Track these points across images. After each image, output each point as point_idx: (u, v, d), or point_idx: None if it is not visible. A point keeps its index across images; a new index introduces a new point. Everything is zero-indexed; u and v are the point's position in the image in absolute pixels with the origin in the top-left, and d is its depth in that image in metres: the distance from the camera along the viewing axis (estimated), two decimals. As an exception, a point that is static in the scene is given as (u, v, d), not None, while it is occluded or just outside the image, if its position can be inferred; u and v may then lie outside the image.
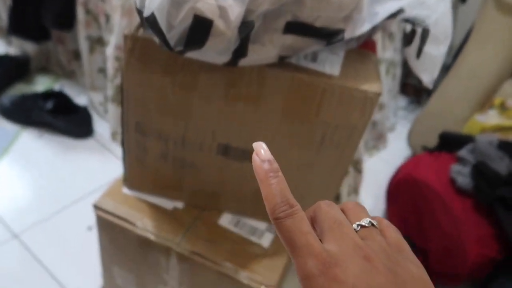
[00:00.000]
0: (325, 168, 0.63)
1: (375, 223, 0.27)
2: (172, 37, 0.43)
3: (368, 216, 0.28)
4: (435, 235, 0.96)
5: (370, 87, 0.54)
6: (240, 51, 0.47)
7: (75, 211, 1.03)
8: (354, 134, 0.58)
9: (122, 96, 0.61)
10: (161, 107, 0.59)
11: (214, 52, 0.46)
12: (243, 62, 0.50)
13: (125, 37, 0.54)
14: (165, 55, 0.54)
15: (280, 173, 0.29)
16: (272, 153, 0.63)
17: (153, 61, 0.55)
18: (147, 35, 0.53)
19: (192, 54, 0.48)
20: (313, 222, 0.28)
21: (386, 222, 0.28)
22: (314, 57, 0.57)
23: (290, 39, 0.49)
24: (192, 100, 0.57)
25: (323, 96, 0.54)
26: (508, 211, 0.87)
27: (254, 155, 0.30)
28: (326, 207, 0.28)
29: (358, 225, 0.27)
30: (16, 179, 1.08)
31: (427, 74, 0.56)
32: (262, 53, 0.49)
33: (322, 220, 0.27)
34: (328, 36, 0.49)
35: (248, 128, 0.59)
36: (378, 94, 0.54)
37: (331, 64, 0.56)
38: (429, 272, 0.90)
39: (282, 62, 0.54)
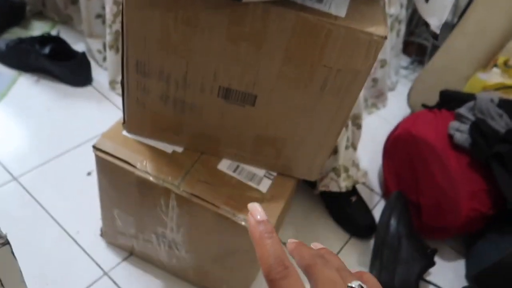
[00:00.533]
0: (325, 114, 0.63)
1: (364, 287, 0.28)
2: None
3: (354, 277, 0.28)
4: (429, 189, 0.97)
5: (376, 30, 0.53)
6: (246, -16, 0.46)
7: (73, 157, 1.04)
8: (357, 80, 0.58)
9: (122, 34, 0.60)
10: (162, 45, 0.58)
11: (219, -17, 0.45)
12: (248, -3, 0.48)
13: (126, -31, 0.53)
14: (167, -11, 0.52)
15: (275, 234, 0.29)
16: (274, 97, 0.63)
17: (155, -4, 0.53)
18: (149, -34, 0.51)
19: (196, -15, 0.46)
20: (307, 274, 0.28)
21: (372, 282, 0.29)
22: (320, -2, 0.55)
23: (297, -26, 0.47)
24: (194, 37, 0.56)
25: (328, 37, 0.53)
26: (503, 167, 0.89)
27: (249, 216, 0.30)
28: (322, 266, 0.28)
29: (349, 287, 0.27)
30: (14, 124, 1.08)
31: (435, 18, 0.55)
32: (267, -12, 0.48)
33: (317, 278, 0.27)
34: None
35: (250, 69, 0.59)
36: (384, 38, 0.53)
37: (337, 5, 0.55)
38: (421, 225, 0.93)
39: (287, 1, 0.53)
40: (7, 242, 0.40)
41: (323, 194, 1.05)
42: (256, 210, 0.30)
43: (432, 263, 0.92)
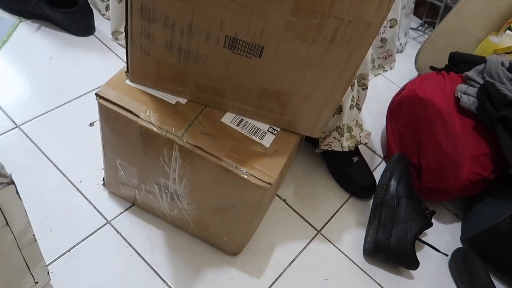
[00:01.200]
0: (333, 68, 0.61)
1: None
2: None
3: None
4: (431, 152, 0.97)
5: (391, -21, 0.51)
6: None
7: (75, 107, 1.03)
8: (368, 32, 0.56)
9: (126, -24, 0.57)
10: (168, -11, 0.56)
11: None
12: None
13: None
14: None
15: None
16: (281, 49, 0.61)
17: None
18: None
19: None
20: None
21: None
22: None
23: None
24: (202, -18, 0.54)
25: (341, -15, 0.51)
26: (508, 132, 0.88)
27: None
28: None
29: None
30: (16, 72, 1.06)
31: None
32: None
33: None
34: None
35: (258, 18, 0.57)
36: (399, -12, 0.51)
37: (352, -48, 0.52)
38: (421, 187, 0.93)
39: None
40: (11, 182, 0.40)
41: (325, 153, 1.05)
42: None
43: (430, 224, 0.93)
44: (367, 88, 1.01)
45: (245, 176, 0.66)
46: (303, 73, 0.63)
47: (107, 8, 1.26)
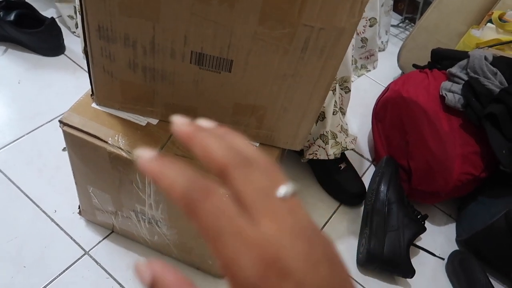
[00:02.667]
0: (308, 78, 0.58)
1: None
2: None
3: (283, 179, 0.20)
4: (419, 153, 0.94)
5: (361, -19, 0.47)
6: None
7: (47, 132, 0.98)
8: (342, 39, 0.53)
9: (79, -5, 0.53)
10: (124, 6, 0.52)
11: None
12: None
13: None
14: None
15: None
16: (251, 61, 0.57)
17: (110, -51, 0.47)
18: None
19: None
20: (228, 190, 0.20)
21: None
22: None
23: None
24: (159, -3, 0.50)
25: (308, -8, 0.48)
26: (496, 128, 0.85)
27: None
28: (244, 169, 0.20)
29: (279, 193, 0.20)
30: (-17, 98, 1.01)
31: None
32: None
33: (244, 189, 0.19)
34: None
35: (223, 31, 0.53)
36: (370, -9, 0.48)
37: (318, -46, 0.49)
38: (411, 190, 0.89)
39: (261, -49, 0.47)
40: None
41: (311, 162, 1.01)
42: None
43: (423, 229, 0.90)
44: (350, 91, 0.98)
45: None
46: (277, 85, 0.59)
47: (76, 25, 1.22)
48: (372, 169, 1.10)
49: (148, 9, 0.52)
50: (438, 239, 0.99)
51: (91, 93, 0.68)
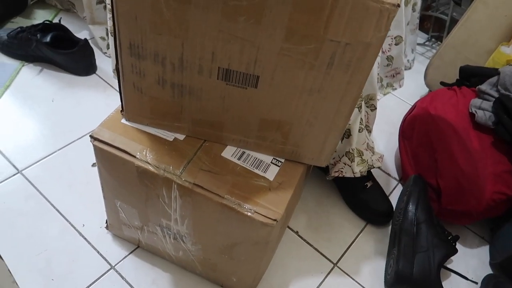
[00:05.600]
0: (334, 93, 0.58)
1: None
2: None
3: None
4: (449, 172, 0.92)
5: (387, -3, 0.48)
6: None
7: (78, 148, 1.01)
8: (368, 54, 0.53)
9: (112, 15, 0.55)
10: (155, 24, 0.54)
11: None
12: (242, -36, 0.44)
13: None
14: (155, -39, 0.48)
15: None
16: (277, 77, 0.58)
17: (142, -30, 0.49)
18: None
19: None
20: None
21: None
22: (324, -35, 0.50)
23: None
24: (188, 14, 0.52)
25: (333, 7, 0.48)
26: (531, 146, 0.82)
27: None
28: None
29: None
30: (18, 116, 1.06)
31: None
32: (263, -47, 0.43)
33: None
34: None
35: (249, 47, 0.54)
36: (396, 5, 0.48)
37: (344, -29, 0.49)
38: (441, 210, 0.86)
39: (288, -31, 0.48)
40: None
41: (336, 179, 1.00)
42: None
43: (454, 251, 0.87)
44: (376, 108, 0.97)
45: (249, 214, 0.62)
46: (303, 100, 0.60)
47: (108, 46, 1.26)
48: (399, 188, 1.08)
49: (177, 27, 0.54)
50: (471, 261, 0.95)
51: (121, 109, 0.70)
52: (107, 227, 0.86)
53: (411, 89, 1.38)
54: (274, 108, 0.61)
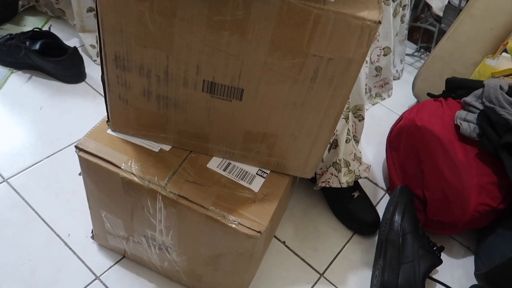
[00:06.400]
0: (318, 107, 0.58)
1: None
2: None
3: None
4: (435, 183, 0.93)
5: (368, 14, 0.48)
6: (219, -34, 0.41)
7: (65, 156, 1.01)
8: (350, 68, 0.53)
9: (98, 26, 0.56)
10: (140, 37, 0.54)
11: (189, -34, 0.41)
12: (224, -19, 0.44)
13: (95, -44, 0.48)
14: (139, -24, 0.48)
15: None
16: (262, 90, 0.59)
17: (127, -16, 0.49)
18: (118, -49, 0.47)
19: (164, -31, 0.42)
20: None
21: None
22: (308, -19, 0.50)
23: (278, -46, 0.43)
24: (173, 28, 0.52)
25: (316, 23, 0.49)
26: (514, 159, 0.83)
27: None
28: None
29: None
30: (6, 123, 1.05)
31: (436, 0, 0.50)
32: (245, -30, 0.43)
33: None
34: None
35: (234, 61, 0.54)
36: (377, 23, 0.49)
37: (326, -12, 0.50)
38: (427, 221, 0.87)
39: (271, -15, 0.48)
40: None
41: (324, 189, 1.00)
42: None
43: (439, 261, 0.87)
44: (363, 119, 0.98)
45: (233, 225, 0.62)
46: (287, 113, 0.60)
47: (97, 54, 1.26)
48: (386, 198, 1.08)
49: (162, 40, 0.54)
50: (456, 272, 0.96)
51: (107, 119, 0.70)
52: (92, 237, 0.85)
53: (400, 99, 1.40)
54: (258, 120, 0.62)
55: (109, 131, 0.70)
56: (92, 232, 0.85)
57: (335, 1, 0.49)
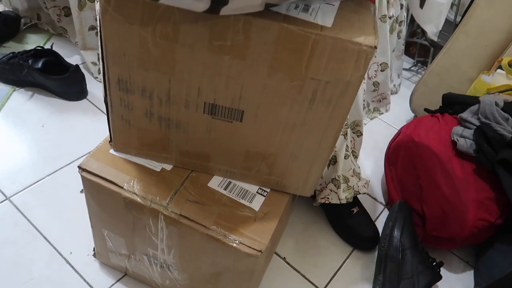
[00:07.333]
0: (316, 128, 0.59)
1: None
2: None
3: None
4: (433, 198, 0.93)
5: (364, 39, 0.50)
6: (220, -3, 0.43)
7: (67, 174, 1.02)
8: (348, 91, 0.55)
9: (101, 50, 0.57)
10: (142, 61, 0.56)
11: (191, -3, 0.42)
12: (225, 10, 0.46)
13: (100, -16, 0.50)
14: (143, 3, 0.50)
15: None
16: (261, 112, 0.60)
17: (131, 10, 0.51)
18: (122, -19, 0.49)
19: (167, 0, 0.43)
20: None
21: None
22: (306, 7, 0.52)
23: (276, -16, 0.44)
24: (175, 52, 0.54)
25: (314, 48, 0.50)
26: (510, 174, 0.84)
27: None
28: None
29: None
30: (8, 141, 1.06)
31: (431, 26, 0.52)
32: (245, 0, 0.45)
33: None
34: (318, -20, 0.44)
35: (234, 84, 0.56)
36: (373, 48, 0.50)
37: (323, 14, 0.52)
38: (426, 235, 0.87)
39: (270, 12, 0.50)
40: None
41: (323, 205, 1.01)
42: None
43: (439, 277, 0.88)
44: (362, 134, 1.00)
45: (234, 245, 0.63)
46: (287, 134, 0.61)
47: (99, 71, 1.28)
48: (386, 213, 1.09)
49: (164, 64, 0.55)
50: (456, 287, 0.96)
51: (109, 139, 0.71)
52: (94, 255, 0.86)
53: (398, 114, 1.41)
54: (259, 140, 0.63)
55: (111, 151, 0.71)
56: (94, 250, 0.85)
57: (332, 26, 0.51)
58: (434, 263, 0.90)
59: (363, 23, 0.52)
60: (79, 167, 0.67)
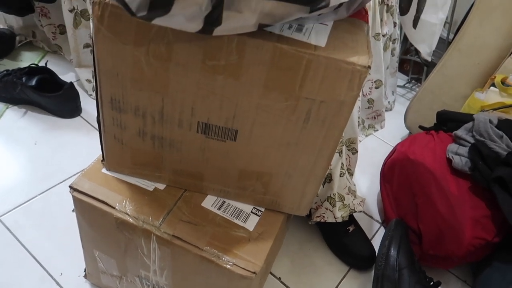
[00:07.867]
0: (311, 147, 0.59)
1: None
2: (133, 0, 0.39)
3: None
4: (429, 216, 0.93)
5: (358, 59, 0.50)
6: (213, 18, 0.43)
7: (60, 192, 1.00)
8: (342, 110, 0.54)
9: (94, 69, 0.57)
10: (136, 80, 0.55)
11: (184, 18, 0.42)
12: (218, 30, 0.46)
13: (94, 4, 0.50)
14: (136, 23, 0.50)
15: None
16: (255, 131, 0.59)
17: (124, 30, 0.51)
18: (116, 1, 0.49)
19: (160, 21, 0.43)
20: None
21: None
22: (299, 27, 0.52)
23: (269, 5, 0.44)
24: (168, 72, 0.53)
25: (308, 68, 0.50)
26: (506, 191, 0.84)
27: None
28: None
29: None
30: (0, 159, 1.05)
31: (425, 46, 0.52)
32: (239, 20, 0.45)
33: None
34: (310, 1, 0.44)
35: (228, 103, 0.55)
36: (367, 67, 0.50)
37: (317, 34, 0.52)
38: (422, 254, 0.86)
39: (264, 32, 0.50)
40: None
41: (319, 224, 1.00)
42: None
43: (436, 297, 0.87)
44: (357, 152, 0.99)
45: (228, 266, 0.61)
46: (281, 153, 0.61)
47: (93, 88, 1.27)
48: (382, 231, 1.08)
49: (157, 83, 0.55)
50: (454, 306, 0.95)
51: (102, 158, 0.70)
52: (85, 276, 0.84)
53: (393, 130, 1.42)
54: (253, 160, 0.62)
55: (103, 170, 0.70)
56: (85, 271, 0.83)
57: (326, 46, 0.51)
58: (432, 283, 0.88)
59: (357, 43, 0.52)
60: (70, 186, 0.66)
